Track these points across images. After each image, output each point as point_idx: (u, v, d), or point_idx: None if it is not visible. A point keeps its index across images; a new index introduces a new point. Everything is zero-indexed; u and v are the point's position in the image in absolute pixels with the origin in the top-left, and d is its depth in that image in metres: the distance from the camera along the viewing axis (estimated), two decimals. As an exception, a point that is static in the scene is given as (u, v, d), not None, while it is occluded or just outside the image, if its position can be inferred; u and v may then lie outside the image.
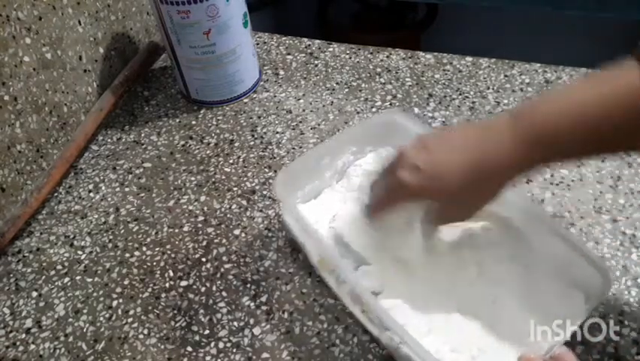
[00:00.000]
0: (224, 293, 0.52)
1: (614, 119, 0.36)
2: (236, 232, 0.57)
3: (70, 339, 0.50)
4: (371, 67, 0.75)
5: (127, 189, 0.63)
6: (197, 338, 0.49)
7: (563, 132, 0.37)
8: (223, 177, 0.63)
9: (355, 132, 0.58)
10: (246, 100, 0.73)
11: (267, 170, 0.63)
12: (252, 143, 0.67)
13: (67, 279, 0.55)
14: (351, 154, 0.58)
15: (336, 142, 0.57)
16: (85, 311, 0.52)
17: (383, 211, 0.47)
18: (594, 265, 0.44)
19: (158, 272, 0.55)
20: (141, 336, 0.50)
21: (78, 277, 0.55)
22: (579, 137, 0.37)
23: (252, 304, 0.51)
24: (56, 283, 0.55)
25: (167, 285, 0.54)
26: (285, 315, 0.50)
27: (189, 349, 0.49)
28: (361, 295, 0.44)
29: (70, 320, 0.52)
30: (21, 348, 0.50)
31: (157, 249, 0.57)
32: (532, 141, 0.38)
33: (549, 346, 0.40)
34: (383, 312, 0.42)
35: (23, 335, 0.51)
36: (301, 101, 0.71)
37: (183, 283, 0.54)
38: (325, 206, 0.56)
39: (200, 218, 0.59)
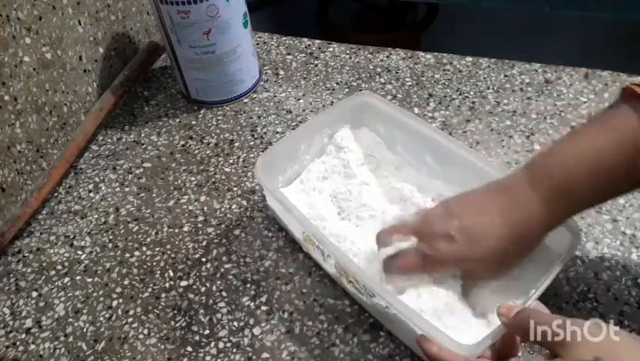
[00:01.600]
0: (224, 293, 0.52)
1: (627, 164, 0.37)
2: (237, 232, 0.57)
3: (70, 339, 0.50)
4: (371, 67, 0.75)
5: (127, 189, 0.63)
6: (197, 338, 0.49)
7: (583, 185, 0.39)
8: (223, 177, 0.63)
9: (329, 115, 0.60)
10: (246, 100, 0.73)
11: (267, 170, 0.63)
12: (252, 143, 0.67)
13: (67, 279, 0.55)
14: (326, 137, 0.59)
15: (311, 126, 0.58)
16: (85, 311, 0.52)
17: (410, 274, 0.47)
18: (564, 223, 0.45)
19: (158, 272, 0.55)
20: (141, 336, 0.50)
21: (78, 277, 0.55)
22: (597, 187, 0.39)
23: (252, 304, 0.51)
24: (56, 283, 0.55)
25: (167, 285, 0.54)
26: (285, 315, 0.50)
27: (189, 349, 0.49)
28: (346, 266, 0.45)
29: (70, 320, 0.52)
30: (21, 348, 0.50)
31: (157, 249, 0.57)
32: (557, 199, 0.40)
33: (524, 300, 0.41)
34: (369, 279, 0.44)
35: (23, 335, 0.51)
36: (301, 101, 0.71)
37: (183, 283, 0.54)
38: (305, 188, 0.57)
39: (200, 218, 0.59)
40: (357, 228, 0.54)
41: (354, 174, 0.57)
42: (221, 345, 0.49)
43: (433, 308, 0.46)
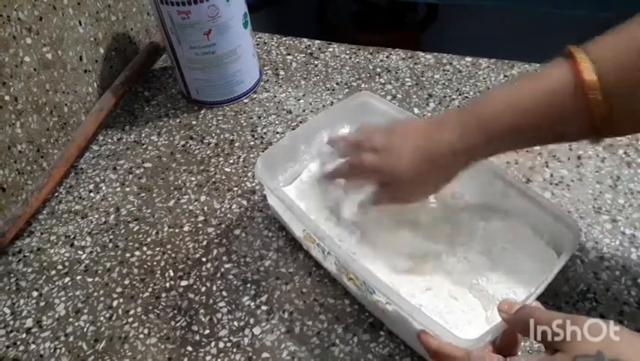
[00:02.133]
0: (224, 293, 0.53)
1: (546, 111, 0.39)
2: (237, 232, 0.58)
3: (71, 339, 0.51)
4: (371, 67, 0.75)
5: (127, 189, 0.63)
6: (197, 337, 0.50)
7: (504, 122, 0.41)
8: (223, 177, 0.63)
9: (329, 115, 0.60)
10: (246, 100, 0.73)
11: (267, 170, 0.63)
12: (252, 143, 0.67)
13: (67, 279, 0.55)
14: (326, 137, 0.59)
15: (311, 126, 0.59)
16: (85, 311, 0.52)
17: (340, 178, 0.53)
18: (563, 222, 0.46)
19: (159, 272, 0.55)
20: (141, 336, 0.50)
21: (78, 277, 0.55)
22: (517, 127, 0.41)
23: (252, 304, 0.51)
24: (57, 283, 0.55)
25: (167, 285, 0.54)
26: (285, 315, 0.50)
27: (189, 349, 0.49)
28: (346, 263, 0.46)
29: (71, 319, 0.52)
30: (21, 348, 0.50)
31: (157, 249, 0.57)
32: (475, 130, 0.42)
33: (524, 299, 0.42)
34: (369, 276, 0.44)
35: (24, 335, 0.51)
36: (301, 101, 0.72)
37: (183, 283, 0.54)
38: (306, 188, 0.58)
39: (201, 218, 0.59)
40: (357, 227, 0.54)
41: None
42: (221, 345, 0.49)
43: (433, 304, 0.46)
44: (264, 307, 0.51)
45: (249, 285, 0.53)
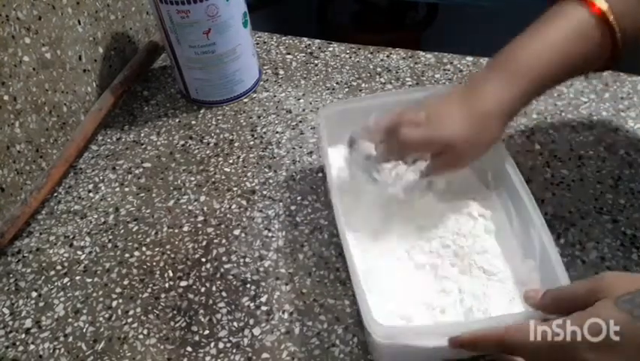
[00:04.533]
0: (224, 293, 0.52)
1: (578, 49, 0.44)
2: (236, 232, 0.57)
3: (70, 339, 0.50)
4: (371, 67, 0.75)
5: (126, 189, 0.63)
6: (196, 338, 0.49)
7: (548, 66, 0.45)
8: (223, 177, 0.63)
9: (411, 97, 0.57)
10: (245, 100, 0.73)
11: (266, 170, 0.63)
12: (251, 143, 0.67)
13: (66, 279, 0.55)
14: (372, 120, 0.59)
15: (389, 100, 0.59)
16: (84, 311, 0.52)
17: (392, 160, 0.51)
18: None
19: (158, 272, 0.55)
20: (141, 336, 0.50)
21: (78, 278, 0.55)
22: (558, 70, 0.45)
23: (252, 304, 0.51)
24: (56, 284, 0.55)
25: (166, 285, 0.54)
26: (285, 315, 0.50)
27: (189, 349, 0.49)
28: (338, 218, 0.48)
29: (70, 320, 0.52)
30: (21, 348, 0.50)
31: (157, 249, 0.57)
32: (518, 78, 0.45)
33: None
34: (342, 233, 0.47)
35: (23, 335, 0.51)
36: (301, 100, 0.71)
37: (183, 283, 0.54)
38: (357, 158, 0.57)
39: (200, 218, 0.59)
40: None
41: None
42: (221, 345, 0.49)
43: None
44: (263, 308, 0.51)
45: (248, 285, 0.53)
